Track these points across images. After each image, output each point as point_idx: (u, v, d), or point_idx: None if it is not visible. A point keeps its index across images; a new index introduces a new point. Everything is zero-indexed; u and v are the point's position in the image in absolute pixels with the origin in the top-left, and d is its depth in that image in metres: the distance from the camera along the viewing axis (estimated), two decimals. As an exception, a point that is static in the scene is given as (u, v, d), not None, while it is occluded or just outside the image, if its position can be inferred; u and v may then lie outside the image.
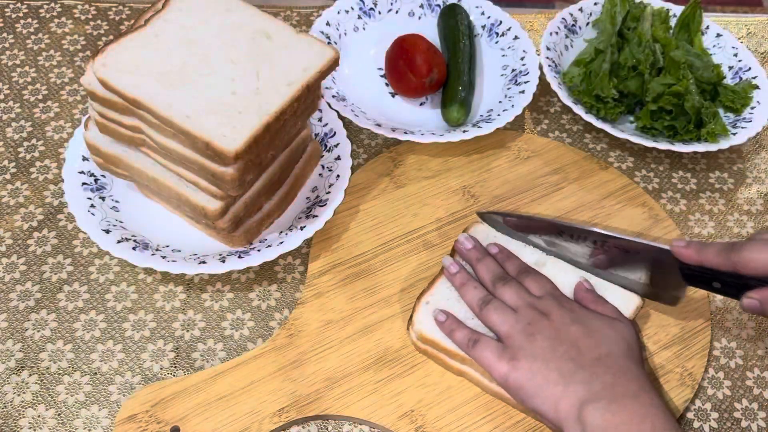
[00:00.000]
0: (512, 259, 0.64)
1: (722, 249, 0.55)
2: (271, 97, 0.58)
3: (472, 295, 0.61)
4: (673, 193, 0.78)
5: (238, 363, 0.61)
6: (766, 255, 0.52)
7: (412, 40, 0.79)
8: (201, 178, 0.60)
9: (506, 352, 0.56)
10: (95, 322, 0.65)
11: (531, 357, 0.55)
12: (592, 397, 0.52)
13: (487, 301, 0.60)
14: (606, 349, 0.55)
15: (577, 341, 0.56)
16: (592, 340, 0.56)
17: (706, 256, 0.56)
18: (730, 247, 0.54)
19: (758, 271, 0.53)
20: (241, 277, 0.68)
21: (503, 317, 0.58)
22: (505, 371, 0.56)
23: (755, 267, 0.53)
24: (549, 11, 0.94)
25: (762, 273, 0.52)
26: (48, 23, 0.88)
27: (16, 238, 0.70)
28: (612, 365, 0.54)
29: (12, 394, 0.60)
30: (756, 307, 0.53)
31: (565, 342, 0.56)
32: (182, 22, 0.61)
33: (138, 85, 0.56)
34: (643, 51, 0.80)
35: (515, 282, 0.61)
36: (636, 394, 0.53)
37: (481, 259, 0.64)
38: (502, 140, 0.79)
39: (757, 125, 0.78)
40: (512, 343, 0.57)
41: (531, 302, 0.59)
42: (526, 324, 0.57)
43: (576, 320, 0.57)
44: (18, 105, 0.80)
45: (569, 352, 0.55)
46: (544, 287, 0.61)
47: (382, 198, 0.73)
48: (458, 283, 0.63)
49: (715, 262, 0.55)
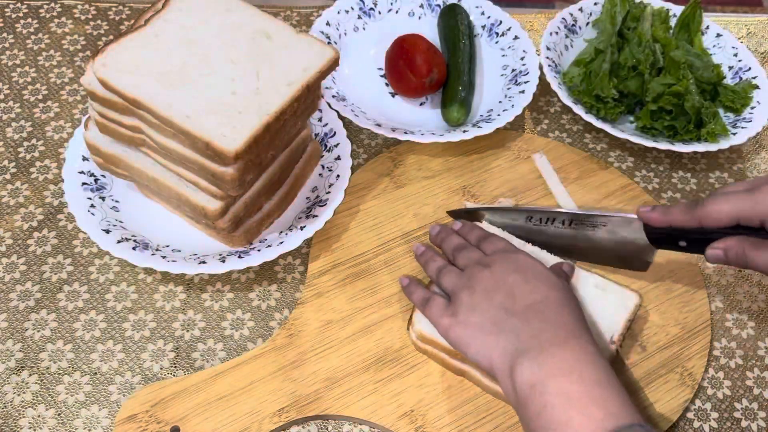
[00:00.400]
0: (474, 230, 0.65)
1: (687, 207, 0.58)
2: (271, 97, 0.58)
3: (432, 267, 0.62)
4: (673, 193, 0.78)
5: (238, 363, 0.61)
6: (726, 205, 0.55)
7: (412, 40, 0.79)
8: (201, 178, 0.60)
9: (449, 308, 0.57)
10: (95, 322, 0.65)
11: (470, 308, 0.56)
12: (520, 347, 0.52)
13: (441, 268, 0.61)
14: (541, 295, 0.55)
15: (513, 288, 0.56)
16: (528, 286, 0.56)
17: (673, 216, 0.59)
18: (694, 204, 0.57)
19: (721, 221, 0.56)
20: (241, 277, 0.68)
21: (450, 277, 0.60)
22: (446, 324, 0.56)
23: (718, 217, 0.56)
24: (549, 11, 0.94)
25: (725, 222, 0.56)
26: (48, 23, 0.88)
27: (16, 238, 0.70)
28: (543, 310, 0.54)
29: (12, 394, 0.60)
30: (720, 256, 0.56)
31: (502, 290, 0.56)
32: (182, 22, 0.61)
33: (138, 85, 0.56)
34: (643, 51, 0.80)
35: (471, 247, 0.62)
36: (564, 341, 0.52)
37: (444, 238, 0.65)
38: (502, 140, 0.79)
39: (757, 125, 0.78)
40: (455, 299, 0.58)
41: (478, 259, 0.60)
42: (468, 278, 0.58)
43: (518, 269, 0.58)
44: (18, 105, 0.80)
45: (505, 301, 0.56)
46: (496, 246, 0.61)
47: (382, 198, 0.73)
48: (423, 261, 0.64)
49: (681, 220, 0.58)
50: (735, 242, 0.55)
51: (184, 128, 0.55)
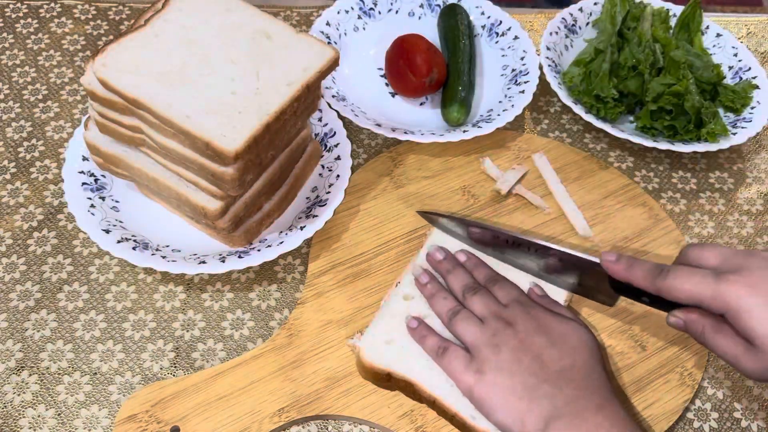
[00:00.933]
0: (481, 267, 0.64)
1: (649, 272, 0.55)
2: (271, 97, 0.58)
3: (442, 305, 0.61)
4: (673, 193, 0.78)
5: (238, 363, 0.61)
6: (689, 285, 0.52)
7: (412, 40, 0.79)
8: (201, 178, 0.60)
9: (473, 364, 0.56)
10: (95, 322, 0.65)
11: (496, 369, 0.55)
12: (555, 414, 0.53)
13: (456, 311, 0.60)
14: (570, 360, 0.56)
15: (541, 352, 0.56)
16: (555, 350, 0.56)
17: (634, 275, 0.56)
18: (657, 272, 0.54)
19: (681, 300, 0.53)
20: (241, 277, 0.68)
21: (470, 328, 0.58)
22: (471, 383, 0.56)
23: (678, 296, 0.53)
24: (549, 11, 0.94)
25: (684, 302, 0.53)
26: (48, 23, 0.88)
27: (16, 238, 0.70)
28: (575, 377, 0.55)
29: (12, 394, 0.60)
30: (680, 325, 0.54)
31: (530, 353, 0.56)
32: (182, 22, 0.61)
33: (138, 85, 0.56)
34: (643, 51, 0.80)
35: (484, 291, 0.61)
36: (599, 406, 0.53)
37: (451, 271, 0.64)
38: (502, 140, 0.79)
39: (757, 125, 0.78)
40: (478, 354, 0.57)
41: (497, 312, 0.59)
42: (491, 335, 0.57)
43: (540, 329, 0.57)
44: (18, 105, 0.80)
45: (533, 364, 0.55)
46: (510, 294, 0.61)
47: (382, 198, 0.73)
48: (428, 293, 0.63)
49: (641, 283, 0.55)
50: (697, 317, 0.53)
51: (184, 128, 0.55)
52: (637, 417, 0.60)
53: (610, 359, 0.63)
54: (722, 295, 0.50)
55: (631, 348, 0.64)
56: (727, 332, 0.51)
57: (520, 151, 0.78)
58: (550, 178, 0.75)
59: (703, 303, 0.52)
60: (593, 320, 0.65)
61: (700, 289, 0.51)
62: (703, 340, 0.52)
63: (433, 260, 0.65)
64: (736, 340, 0.51)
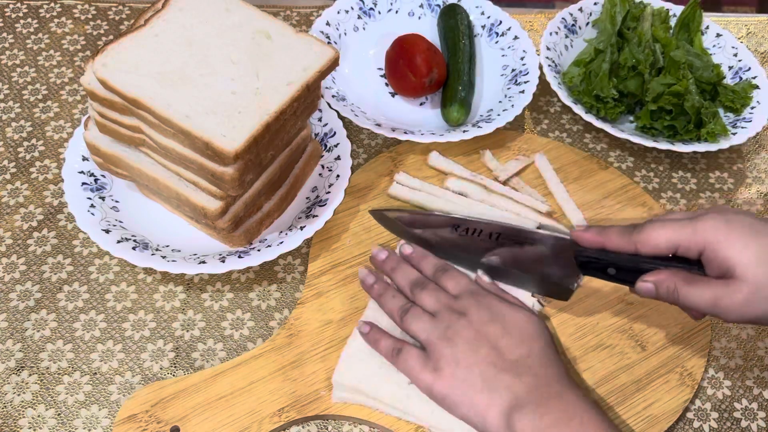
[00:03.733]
0: (427, 258, 0.63)
1: (624, 230, 0.56)
2: (271, 96, 0.58)
3: (391, 304, 0.60)
4: (673, 193, 0.78)
5: (238, 363, 0.61)
6: (665, 231, 0.53)
7: (412, 40, 0.79)
8: (201, 178, 0.60)
9: (429, 362, 0.56)
10: (95, 322, 0.65)
11: (453, 363, 0.55)
12: (517, 404, 0.52)
13: (406, 309, 0.59)
14: (526, 348, 0.55)
15: (497, 341, 0.55)
16: (511, 339, 0.56)
17: (608, 237, 0.56)
18: (632, 228, 0.55)
19: (659, 247, 0.53)
20: (241, 277, 0.68)
21: (422, 324, 0.57)
22: (429, 381, 0.55)
23: (656, 243, 0.53)
24: (549, 11, 0.94)
25: (663, 249, 0.53)
26: (48, 23, 0.88)
27: (16, 238, 0.70)
28: (532, 365, 0.54)
29: (12, 394, 0.60)
30: (650, 290, 0.54)
31: (486, 343, 0.55)
32: (182, 22, 0.61)
33: (138, 85, 0.56)
34: (643, 51, 0.80)
35: (432, 284, 0.61)
36: (560, 393, 0.53)
37: (396, 268, 0.63)
38: (502, 140, 0.79)
39: (757, 125, 0.78)
40: (433, 350, 0.56)
41: (448, 304, 0.58)
42: (445, 328, 0.56)
43: (493, 318, 0.57)
44: (18, 105, 0.80)
45: (490, 354, 0.55)
46: (459, 284, 0.60)
47: (382, 198, 0.73)
48: (376, 294, 0.62)
49: (616, 243, 0.55)
50: (667, 275, 0.53)
51: (183, 128, 0.55)
52: (636, 417, 0.60)
53: (610, 359, 0.63)
54: (700, 232, 0.51)
55: (631, 348, 0.64)
56: (701, 280, 0.52)
57: (520, 151, 0.78)
58: (549, 179, 0.75)
59: (682, 245, 0.52)
60: (591, 321, 0.65)
61: (677, 233, 0.52)
62: (676, 297, 0.53)
63: (377, 261, 0.65)
64: (712, 283, 0.51)
